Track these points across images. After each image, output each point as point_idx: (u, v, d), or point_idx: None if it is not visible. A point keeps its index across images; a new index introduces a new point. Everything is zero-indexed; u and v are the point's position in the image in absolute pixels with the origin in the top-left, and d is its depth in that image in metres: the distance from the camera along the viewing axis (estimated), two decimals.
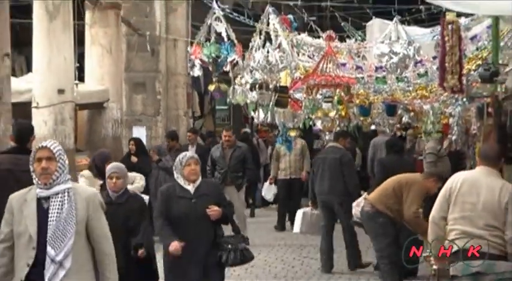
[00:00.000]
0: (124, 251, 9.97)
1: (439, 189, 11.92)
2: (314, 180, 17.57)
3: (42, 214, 6.84)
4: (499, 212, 9.49)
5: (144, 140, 22.09)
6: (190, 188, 9.92)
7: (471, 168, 12.20)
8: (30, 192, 7.00)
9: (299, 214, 18.68)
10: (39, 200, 6.90)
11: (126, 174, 10.91)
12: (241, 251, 10.03)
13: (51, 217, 6.83)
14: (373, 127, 29.16)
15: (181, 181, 10.02)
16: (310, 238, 20.50)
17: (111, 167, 10.93)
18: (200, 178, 10.27)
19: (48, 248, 6.74)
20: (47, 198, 6.91)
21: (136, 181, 14.70)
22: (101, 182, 12.76)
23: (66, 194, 6.92)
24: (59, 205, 6.87)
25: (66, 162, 7.18)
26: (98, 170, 13.40)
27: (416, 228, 13.07)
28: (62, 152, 7.14)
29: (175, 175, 10.30)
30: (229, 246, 9.84)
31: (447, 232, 9.86)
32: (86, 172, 14.28)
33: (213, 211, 9.77)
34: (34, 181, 6.96)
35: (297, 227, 18.57)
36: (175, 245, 9.85)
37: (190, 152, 11.09)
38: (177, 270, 10.03)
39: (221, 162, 18.25)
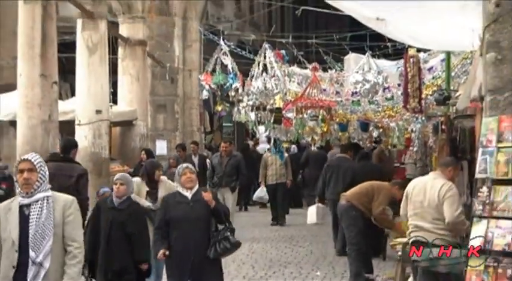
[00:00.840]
0: (122, 251, 9.64)
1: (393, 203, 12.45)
2: (327, 183, 17.56)
3: (24, 220, 6.50)
4: (440, 206, 9.66)
5: (164, 151, 22.08)
6: (188, 194, 9.59)
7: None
8: (14, 201, 6.67)
9: (313, 208, 18.55)
10: (21, 208, 6.54)
11: (130, 182, 10.32)
12: (224, 240, 9.57)
13: (31, 222, 6.49)
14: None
15: (180, 188, 9.74)
16: (299, 231, 20.70)
17: (117, 176, 10.41)
18: (197, 185, 9.89)
19: (29, 251, 6.43)
20: (28, 205, 6.54)
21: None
22: (147, 189, 12.63)
23: (45, 201, 6.54)
24: (38, 210, 6.51)
25: (47, 173, 6.72)
26: (148, 177, 13.24)
27: (382, 222, 13.45)
28: (42, 164, 6.68)
29: (176, 184, 10.08)
30: (213, 239, 9.49)
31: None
32: (136, 179, 14.01)
33: (205, 195, 9.47)
34: (17, 191, 6.67)
35: (311, 219, 18.47)
36: (161, 253, 9.57)
37: (185, 164, 10.55)
38: (176, 265, 9.69)
39: (218, 168, 18.18)
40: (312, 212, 18.35)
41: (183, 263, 9.53)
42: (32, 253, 6.42)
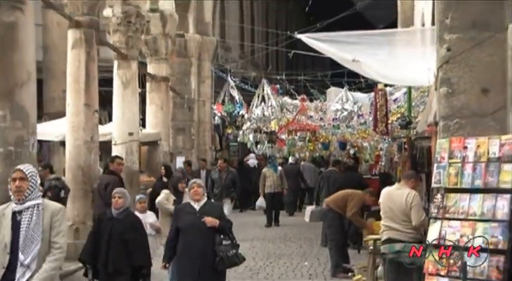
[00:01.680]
0: (119, 255, 9.12)
1: (375, 201, 12.31)
2: (321, 189, 17.81)
3: (16, 225, 6.05)
4: (407, 211, 9.64)
5: (181, 165, 22.04)
6: (196, 206, 9.16)
7: (394, 183, 12.27)
8: (8, 207, 6.21)
9: (309, 209, 18.43)
10: (14, 214, 6.08)
11: (127, 196, 9.62)
12: (232, 257, 9.07)
13: (22, 227, 6.03)
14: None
15: (190, 201, 9.34)
16: (290, 231, 20.64)
17: (115, 191, 9.68)
18: (205, 198, 9.39)
19: (19, 254, 5.99)
20: (20, 212, 6.08)
21: (163, 195, 13.87)
22: (174, 198, 12.61)
23: (35, 208, 6.08)
24: (29, 217, 6.05)
25: (38, 182, 6.25)
26: (174, 189, 13.24)
27: (356, 222, 13.43)
28: (34, 174, 6.19)
29: (188, 197, 9.76)
30: (221, 253, 8.92)
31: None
32: (166, 190, 13.99)
33: (207, 219, 8.93)
34: (11, 197, 6.18)
35: (307, 218, 18.41)
36: (161, 267, 9.48)
37: (195, 179, 10.12)
38: (182, 269, 9.25)
39: (218, 182, 18.09)
40: (307, 213, 18.31)
41: (188, 268, 9.13)
42: (21, 256, 6.02)
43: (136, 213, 11.26)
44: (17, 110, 10.97)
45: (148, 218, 11.40)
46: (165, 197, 13.49)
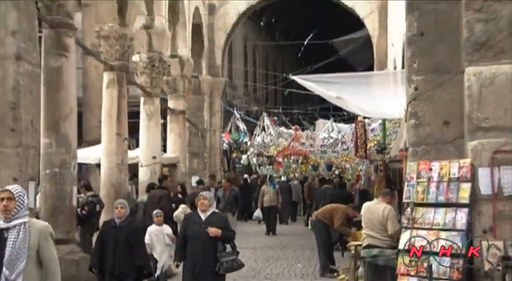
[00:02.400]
0: (124, 260, 8.73)
1: (356, 213, 12.47)
2: (319, 203, 17.41)
3: (3, 242, 5.50)
4: (384, 222, 9.57)
5: (195, 184, 21.96)
6: (203, 216, 8.62)
7: (372, 199, 12.24)
8: None
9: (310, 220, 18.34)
10: (1, 231, 5.52)
11: (127, 206, 9.03)
12: (232, 262, 8.55)
13: (8, 243, 5.46)
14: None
15: (198, 211, 8.78)
16: (286, 239, 20.46)
17: (117, 202, 9.18)
18: (212, 209, 8.75)
19: (4, 269, 5.44)
20: (7, 229, 5.51)
21: (181, 209, 13.83)
22: (190, 211, 12.33)
23: (22, 226, 5.50)
24: (15, 234, 5.47)
25: (25, 202, 5.64)
26: (190, 204, 13.11)
27: (342, 231, 13.34)
28: (21, 194, 5.63)
29: (198, 208, 9.16)
30: (222, 259, 8.47)
31: None
32: (183, 205, 14.04)
33: (211, 230, 8.40)
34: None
35: (308, 227, 18.19)
36: (174, 265, 9.05)
37: (202, 192, 9.48)
38: (186, 273, 8.66)
39: (222, 199, 17.82)
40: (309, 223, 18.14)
41: (191, 272, 8.60)
42: (6, 271, 5.44)
43: (154, 226, 11.14)
44: (61, 139, 11.08)
45: (165, 230, 11.12)
46: (182, 211, 13.45)
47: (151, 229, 11.12)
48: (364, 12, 25.34)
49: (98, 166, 16.07)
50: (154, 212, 11.51)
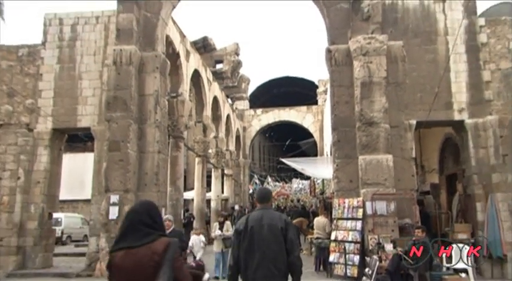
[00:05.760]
0: None
1: (308, 224, 11.57)
2: (292, 217, 15.50)
3: None
4: (324, 226, 8.14)
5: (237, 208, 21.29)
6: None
7: (318, 216, 11.82)
8: None
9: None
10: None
11: (172, 220, 5.50)
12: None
13: None
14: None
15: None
16: None
17: (165, 217, 5.50)
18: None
19: None
20: None
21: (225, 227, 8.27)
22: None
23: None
24: None
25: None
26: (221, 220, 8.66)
27: (304, 231, 12.23)
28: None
29: (225, 226, 6.56)
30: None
31: None
32: (228, 221, 7.83)
33: None
34: None
35: None
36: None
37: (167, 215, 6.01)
38: None
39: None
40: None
41: None
42: None
43: (194, 236, 7.73)
44: (176, 188, 11.15)
45: (201, 238, 7.90)
46: (225, 227, 10.49)
47: (193, 237, 7.85)
48: (313, 129, 25.80)
49: (193, 200, 15.94)
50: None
